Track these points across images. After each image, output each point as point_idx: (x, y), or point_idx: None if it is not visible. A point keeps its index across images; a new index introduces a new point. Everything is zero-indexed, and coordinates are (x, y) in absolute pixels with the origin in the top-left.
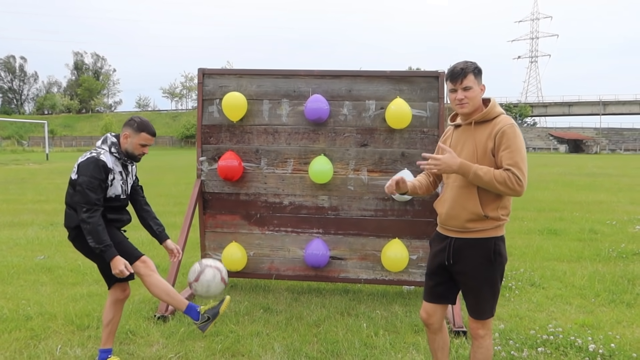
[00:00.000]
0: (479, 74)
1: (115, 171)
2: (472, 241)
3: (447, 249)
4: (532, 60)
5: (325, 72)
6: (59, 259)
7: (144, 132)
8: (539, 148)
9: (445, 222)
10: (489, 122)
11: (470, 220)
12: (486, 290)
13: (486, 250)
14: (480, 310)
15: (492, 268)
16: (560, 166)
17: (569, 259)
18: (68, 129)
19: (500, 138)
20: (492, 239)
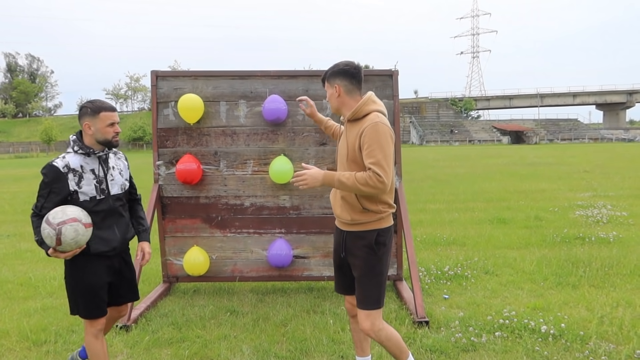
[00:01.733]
0: (332, 77)
1: (85, 170)
2: (358, 233)
3: (341, 242)
4: (474, 55)
5: (281, 73)
6: (7, 272)
7: (103, 112)
8: (484, 140)
9: (338, 216)
10: (359, 121)
11: (355, 213)
12: (370, 279)
13: (369, 241)
14: (367, 299)
15: (375, 258)
16: (504, 157)
17: (518, 246)
18: (3, 134)
19: (363, 137)
20: (375, 231)
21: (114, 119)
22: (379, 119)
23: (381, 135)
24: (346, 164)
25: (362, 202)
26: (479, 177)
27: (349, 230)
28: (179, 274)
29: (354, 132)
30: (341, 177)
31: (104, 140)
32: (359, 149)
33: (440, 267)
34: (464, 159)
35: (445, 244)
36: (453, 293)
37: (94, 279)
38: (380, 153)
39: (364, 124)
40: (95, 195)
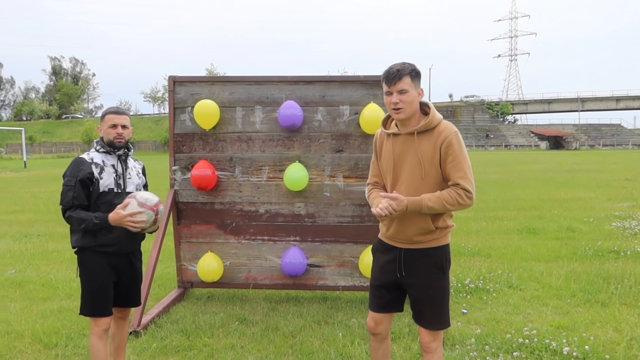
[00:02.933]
0: (417, 77)
1: (106, 164)
2: (423, 251)
3: (397, 261)
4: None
5: (298, 78)
6: (31, 272)
7: (107, 114)
8: (521, 145)
9: (392, 236)
10: (432, 131)
11: (419, 234)
12: (442, 299)
13: (438, 260)
14: (438, 320)
15: (445, 277)
16: (541, 163)
17: (546, 259)
18: (47, 135)
19: (446, 149)
20: (442, 247)
21: (114, 121)
22: (456, 130)
23: (463, 146)
24: (411, 172)
25: (434, 223)
26: (512, 183)
27: (410, 248)
28: (194, 280)
29: (429, 145)
30: (428, 202)
31: (108, 141)
32: (439, 161)
33: (461, 280)
34: (499, 164)
35: (469, 255)
36: (472, 308)
37: (100, 276)
38: (466, 166)
39: (441, 135)
40: (113, 188)
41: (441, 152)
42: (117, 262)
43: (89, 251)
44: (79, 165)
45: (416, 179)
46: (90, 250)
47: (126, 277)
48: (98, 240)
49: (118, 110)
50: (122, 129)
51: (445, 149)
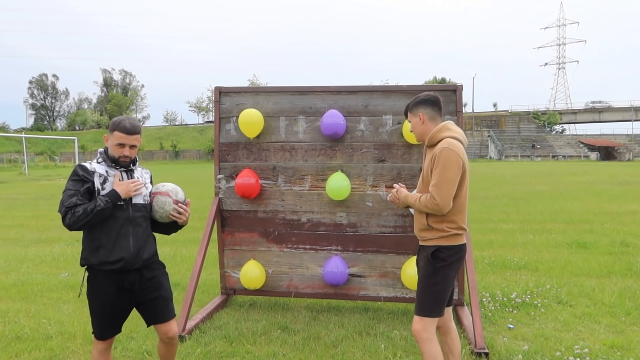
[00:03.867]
0: (415, 107)
1: (109, 174)
2: (423, 247)
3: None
4: (559, 67)
5: (341, 88)
6: (81, 276)
7: (117, 130)
8: (569, 156)
9: (415, 234)
10: (434, 147)
11: (422, 230)
12: (423, 288)
13: (428, 253)
14: (418, 305)
15: (431, 269)
16: (591, 174)
17: (598, 274)
18: (98, 144)
19: (434, 161)
20: (436, 246)
21: (123, 141)
22: (448, 144)
23: (445, 160)
24: (422, 185)
25: (428, 221)
26: (561, 195)
27: (420, 245)
28: (236, 287)
29: (429, 157)
30: (411, 199)
31: (112, 157)
32: (431, 172)
33: (507, 294)
34: (546, 175)
35: (516, 268)
36: (519, 323)
37: (102, 298)
38: (440, 177)
39: (436, 149)
40: (108, 191)
41: (433, 163)
42: (125, 279)
43: (93, 269)
44: (81, 171)
45: (420, 184)
46: (95, 268)
47: (144, 293)
48: (101, 257)
49: (130, 129)
50: (129, 150)
51: (434, 161)
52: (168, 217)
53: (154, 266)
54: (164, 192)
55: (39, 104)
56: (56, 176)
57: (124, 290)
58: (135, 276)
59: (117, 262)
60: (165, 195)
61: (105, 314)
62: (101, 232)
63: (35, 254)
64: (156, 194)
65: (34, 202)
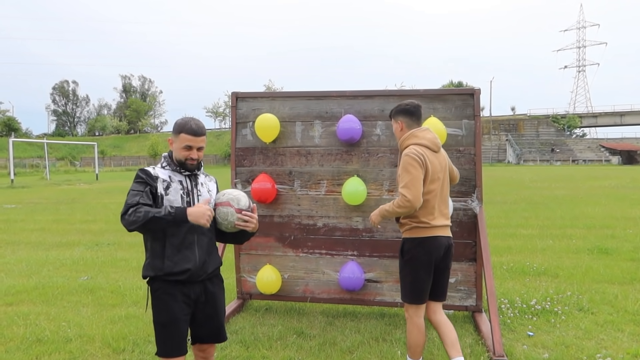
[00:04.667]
0: (396, 114)
1: (173, 180)
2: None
3: None
4: (579, 69)
5: (357, 93)
6: (101, 279)
7: (183, 132)
8: (590, 160)
9: None
10: (403, 152)
11: (398, 224)
12: (400, 278)
13: (400, 248)
14: (402, 292)
15: (401, 261)
16: (613, 179)
17: (621, 281)
18: (117, 149)
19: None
20: (403, 240)
21: (190, 143)
22: (409, 150)
23: (405, 164)
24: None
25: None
26: (581, 200)
27: None
28: (252, 291)
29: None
30: (383, 209)
31: (178, 161)
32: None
33: (526, 300)
34: (566, 179)
35: (535, 274)
36: (539, 330)
37: (171, 309)
38: (406, 177)
39: (401, 156)
40: (180, 206)
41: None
42: (191, 291)
43: (159, 281)
44: (145, 175)
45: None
46: (160, 279)
47: (202, 308)
48: (166, 268)
49: (197, 131)
50: (197, 152)
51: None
52: (234, 227)
53: (215, 280)
54: (225, 202)
55: (60, 110)
56: (76, 181)
57: (190, 303)
58: (200, 288)
59: (184, 273)
60: (227, 205)
61: (176, 325)
62: (165, 241)
63: (56, 257)
64: (217, 205)
65: (55, 206)
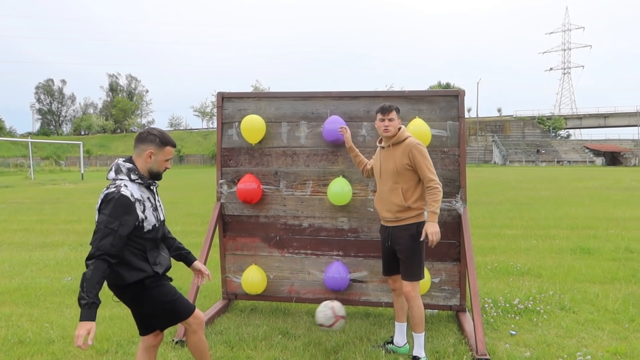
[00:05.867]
0: (398, 112)
1: (143, 199)
2: (402, 227)
3: (387, 235)
4: (564, 72)
5: (343, 94)
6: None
7: (168, 146)
8: (574, 161)
9: (385, 218)
10: (401, 144)
11: (399, 212)
12: (414, 259)
13: (412, 232)
14: (411, 273)
15: (417, 243)
16: (597, 180)
17: (602, 281)
18: (103, 148)
19: (412, 156)
20: (415, 224)
21: (172, 155)
22: (417, 141)
23: (424, 152)
24: (391, 176)
25: (407, 202)
26: (565, 201)
27: (395, 225)
28: (238, 292)
29: (399, 152)
30: (434, 209)
31: (156, 172)
32: (408, 164)
33: (509, 300)
34: (551, 180)
35: (518, 274)
36: (521, 329)
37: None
38: (430, 164)
39: (408, 146)
40: (155, 224)
41: (410, 157)
42: None
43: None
44: (127, 209)
45: (389, 175)
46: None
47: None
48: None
49: (175, 143)
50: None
51: (412, 156)
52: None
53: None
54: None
55: (45, 108)
56: (61, 180)
57: None
58: None
59: (166, 271)
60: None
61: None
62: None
63: (39, 258)
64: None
65: (39, 206)
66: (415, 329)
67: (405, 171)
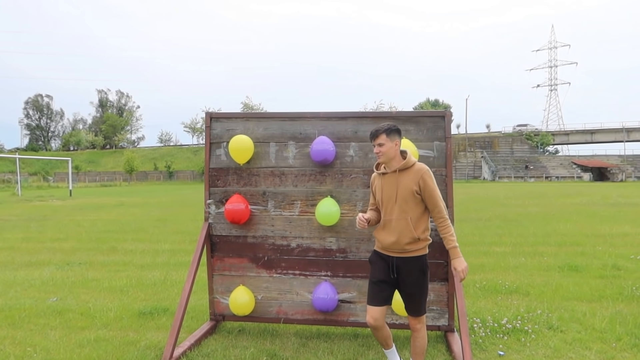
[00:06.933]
0: (392, 133)
1: None
2: (410, 259)
3: (391, 265)
4: (551, 88)
5: (331, 114)
6: (71, 301)
7: None
8: (562, 177)
9: (389, 247)
10: (409, 169)
11: (410, 244)
12: (421, 294)
13: (420, 265)
14: (418, 309)
15: (425, 277)
16: (584, 196)
17: (589, 299)
18: (92, 164)
19: (424, 183)
20: (424, 257)
21: None
22: (426, 167)
23: (433, 180)
24: (400, 204)
25: (417, 233)
26: (553, 217)
27: (401, 257)
28: (225, 313)
29: (408, 178)
30: (455, 243)
31: None
32: (417, 191)
33: (497, 319)
34: (539, 196)
35: (507, 292)
36: (510, 349)
37: None
38: (439, 200)
39: (418, 173)
40: None
41: (420, 184)
42: None
43: None
44: None
45: (393, 203)
46: None
47: None
48: None
49: None
50: None
51: (422, 183)
52: None
53: None
54: None
55: (34, 124)
56: (49, 197)
57: None
58: None
59: None
60: None
61: None
62: None
63: (25, 277)
64: None
65: (25, 223)
66: (417, 359)
67: (413, 199)
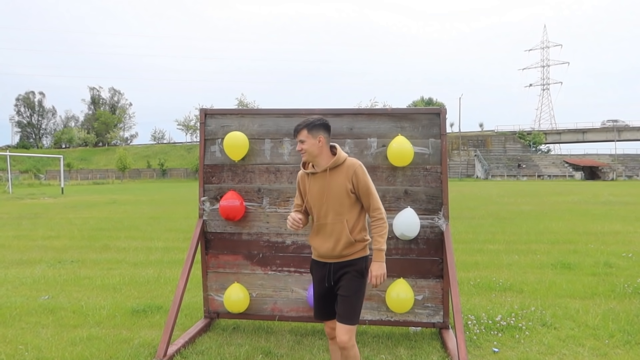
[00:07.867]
0: (314, 128)
1: None
2: (348, 262)
3: (327, 273)
4: (543, 88)
5: (326, 111)
6: (63, 299)
7: None
8: (554, 175)
9: (326, 255)
10: (341, 167)
11: (347, 247)
12: (357, 299)
13: (359, 268)
14: (350, 314)
15: (362, 281)
16: (576, 194)
17: (582, 296)
18: (84, 162)
19: (357, 179)
20: (363, 258)
21: None
22: (359, 162)
23: (368, 177)
24: (333, 206)
25: (353, 235)
26: (546, 215)
27: (338, 262)
28: (220, 310)
29: (340, 177)
30: (381, 245)
31: None
32: (351, 189)
33: (492, 316)
34: (531, 195)
35: (501, 290)
36: (504, 346)
37: None
38: (371, 195)
39: (350, 169)
40: None
41: (352, 181)
42: None
43: None
44: None
45: (329, 201)
46: None
47: None
48: None
49: None
50: None
51: (355, 179)
52: None
53: None
54: None
55: (25, 121)
56: (40, 194)
57: None
58: None
59: None
60: None
61: None
62: None
63: (16, 275)
64: None
65: (17, 221)
66: None
67: (347, 199)
